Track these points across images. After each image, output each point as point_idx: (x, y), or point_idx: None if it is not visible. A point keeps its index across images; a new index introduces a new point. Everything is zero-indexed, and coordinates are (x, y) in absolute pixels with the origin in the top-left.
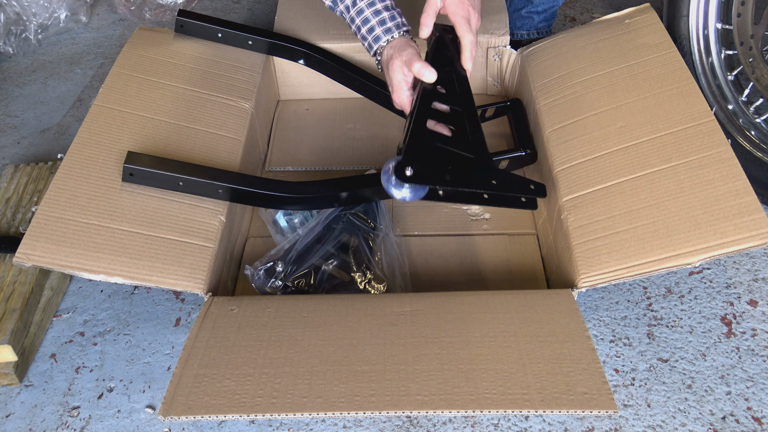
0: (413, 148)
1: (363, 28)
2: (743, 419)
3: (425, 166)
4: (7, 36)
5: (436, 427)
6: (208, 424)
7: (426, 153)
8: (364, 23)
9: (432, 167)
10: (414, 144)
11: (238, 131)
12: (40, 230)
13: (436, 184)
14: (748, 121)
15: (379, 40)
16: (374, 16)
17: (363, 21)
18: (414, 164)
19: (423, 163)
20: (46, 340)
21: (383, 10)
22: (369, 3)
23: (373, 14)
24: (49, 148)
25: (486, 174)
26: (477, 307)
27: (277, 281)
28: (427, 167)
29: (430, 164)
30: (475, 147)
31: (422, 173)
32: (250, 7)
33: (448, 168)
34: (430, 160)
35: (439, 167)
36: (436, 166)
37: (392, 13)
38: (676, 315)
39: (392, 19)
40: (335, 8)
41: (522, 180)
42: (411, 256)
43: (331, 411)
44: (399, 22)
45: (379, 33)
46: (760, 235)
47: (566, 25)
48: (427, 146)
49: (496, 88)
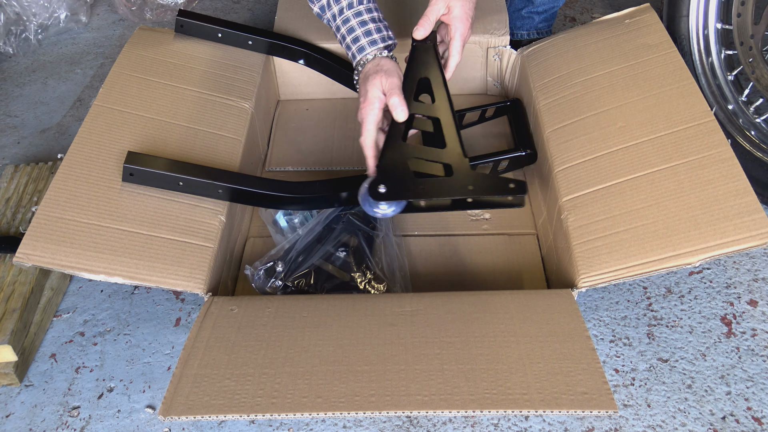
0: (385, 166)
1: (348, 37)
2: (743, 419)
3: (398, 181)
4: (7, 36)
5: (436, 427)
6: (208, 424)
7: (398, 168)
8: (349, 32)
9: (405, 182)
10: (386, 161)
11: (238, 131)
12: (40, 230)
13: (410, 197)
14: (748, 121)
15: (364, 50)
16: (360, 26)
17: (348, 30)
18: (386, 182)
19: (395, 179)
20: (46, 340)
21: (370, 21)
22: (356, 13)
23: (359, 24)
24: (49, 148)
25: (462, 180)
26: (477, 307)
27: (277, 281)
28: (400, 182)
29: (403, 179)
30: (451, 154)
31: (395, 189)
32: (250, 7)
33: (421, 180)
34: (402, 175)
35: (412, 181)
36: (409, 180)
37: (378, 26)
38: (676, 315)
39: (378, 31)
40: (323, 16)
41: (500, 180)
42: (411, 256)
43: (331, 411)
44: (385, 35)
45: (364, 43)
46: (760, 235)
47: (566, 25)
48: (399, 162)
49: (496, 88)
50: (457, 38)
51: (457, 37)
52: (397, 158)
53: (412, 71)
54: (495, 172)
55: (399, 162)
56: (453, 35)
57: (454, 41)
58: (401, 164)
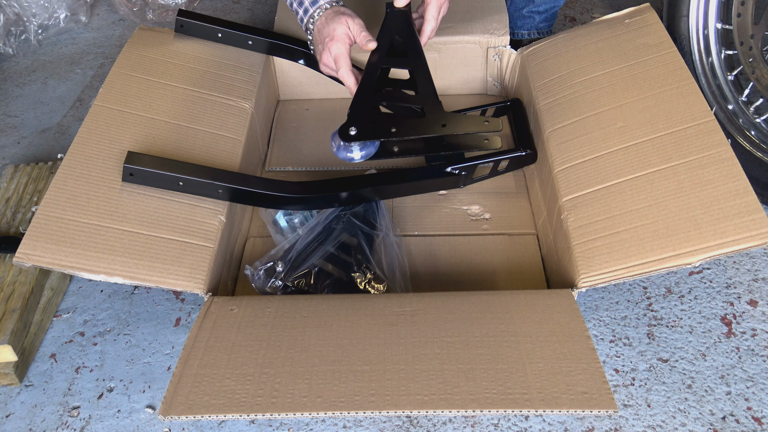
0: (356, 109)
1: None
2: (743, 419)
3: (369, 123)
4: (7, 36)
5: (436, 427)
6: (208, 423)
7: (370, 112)
8: None
9: (376, 123)
10: (357, 105)
11: (238, 131)
12: (40, 230)
13: (382, 137)
14: (748, 121)
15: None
16: None
17: None
18: (357, 124)
19: (367, 121)
20: (46, 340)
21: None
22: None
23: None
24: (49, 148)
25: (435, 118)
26: (477, 307)
27: (277, 281)
28: (371, 124)
29: (374, 121)
30: (423, 98)
31: (366, 131)
32: (250, 7)
33: (392, 120)
34: (374, 118)
35: (382, 122)
36: (379, 121)
37: None
38: (676, 315)
39: None
40: None
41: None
42: (411, 256)
43: (331, 411)
44: None
45: None
46: (760, 235)
47: (566, 25)
48: (371, 105)
49: (496, 88)
50: (433, 4)
51: (433, 3)
52: (368, 102)
53: (385, 33)
54: (493, 172)
55: (370, 105)
56: (428, 2)
57: (430, 7)
58: (372, 108)
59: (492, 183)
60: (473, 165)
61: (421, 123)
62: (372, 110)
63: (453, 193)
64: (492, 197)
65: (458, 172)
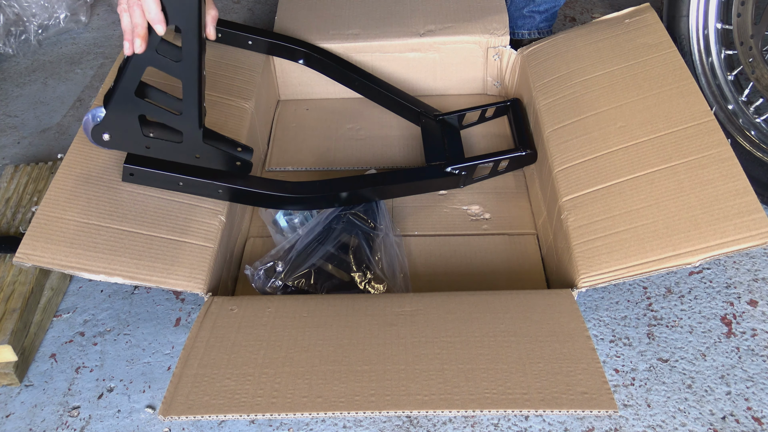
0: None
1: None
2: (743, 419)
3: (123, 133)
4: (7, 37)
5: (436, 427)
6: (208, 423)
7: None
8: None
9: (130, 135)
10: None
11: (238, 131)
12: (40, 230)
13: (133, 151)
14: (748, 121)
15: None
16: None
17: None
18: (112, 131)
19: (123, 131)
20: (46, 340)
21: None
22: None
23: None
24: (49, 148)
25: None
26: (477, 307)
27: (277, 281)
28: (125, 134)
29: (130, 133)
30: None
31: (118, 141)
32: (250, 7)
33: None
34: (131, 129)
35: (138, 136)
36: (136, 136)
37: None
38: (676, 315)
39: None
40: None
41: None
42: (411, 256)
43: (331, 411)
44: None
45: None
46: (760, 235)
47: (566, 25)
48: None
49: (496, 88)
50: None
51: None
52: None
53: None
54: (493, 172)
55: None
56: None
57: None
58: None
59: (492, 183)
60: (473, 165)
61: (176, 149)
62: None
63: (453, 193)
64: (492, 197)
65: (458, 172)
